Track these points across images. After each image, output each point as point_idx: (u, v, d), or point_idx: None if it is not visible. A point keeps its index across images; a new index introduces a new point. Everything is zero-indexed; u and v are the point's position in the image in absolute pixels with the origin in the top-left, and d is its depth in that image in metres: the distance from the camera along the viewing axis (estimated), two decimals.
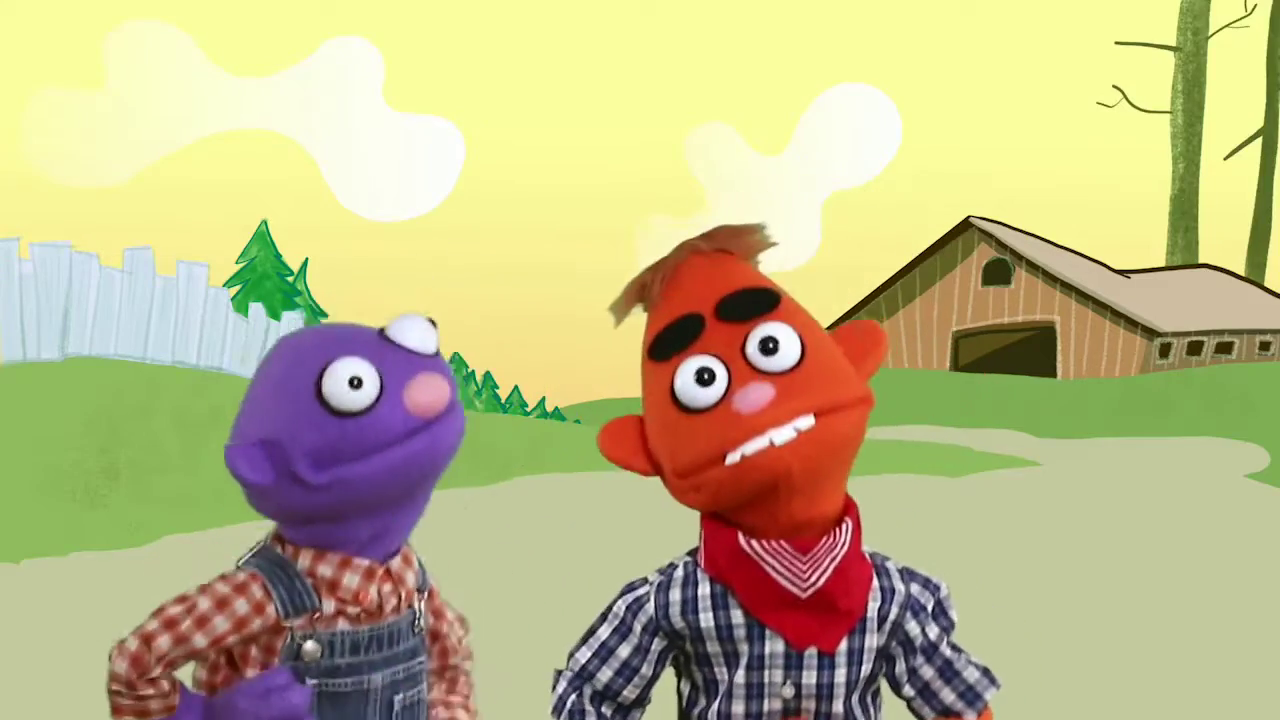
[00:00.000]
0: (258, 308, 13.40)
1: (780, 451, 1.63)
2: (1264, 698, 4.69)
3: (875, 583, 1.77)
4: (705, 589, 1.74)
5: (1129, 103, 32.27)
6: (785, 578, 1.69)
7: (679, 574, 1.78)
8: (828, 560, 1.69)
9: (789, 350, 1.68)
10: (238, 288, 16.11)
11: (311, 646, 1.69)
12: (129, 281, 11.73)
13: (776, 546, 1.69)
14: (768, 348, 1.67)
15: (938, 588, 1.84)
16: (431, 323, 1.73)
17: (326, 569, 1.70)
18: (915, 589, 1.82)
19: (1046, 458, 15.93)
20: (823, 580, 1.69)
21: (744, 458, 1.64)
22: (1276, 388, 20.19)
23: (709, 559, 1.75)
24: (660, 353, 1.74)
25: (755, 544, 1.69)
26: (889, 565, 1.82)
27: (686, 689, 1.82)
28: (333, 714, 1.70)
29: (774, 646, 1.72)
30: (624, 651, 1.78)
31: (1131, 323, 24.82)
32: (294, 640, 1.69)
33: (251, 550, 1.77)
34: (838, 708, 1.74)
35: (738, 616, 1.72)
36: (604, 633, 1.80)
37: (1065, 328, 25.53)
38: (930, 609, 1.82)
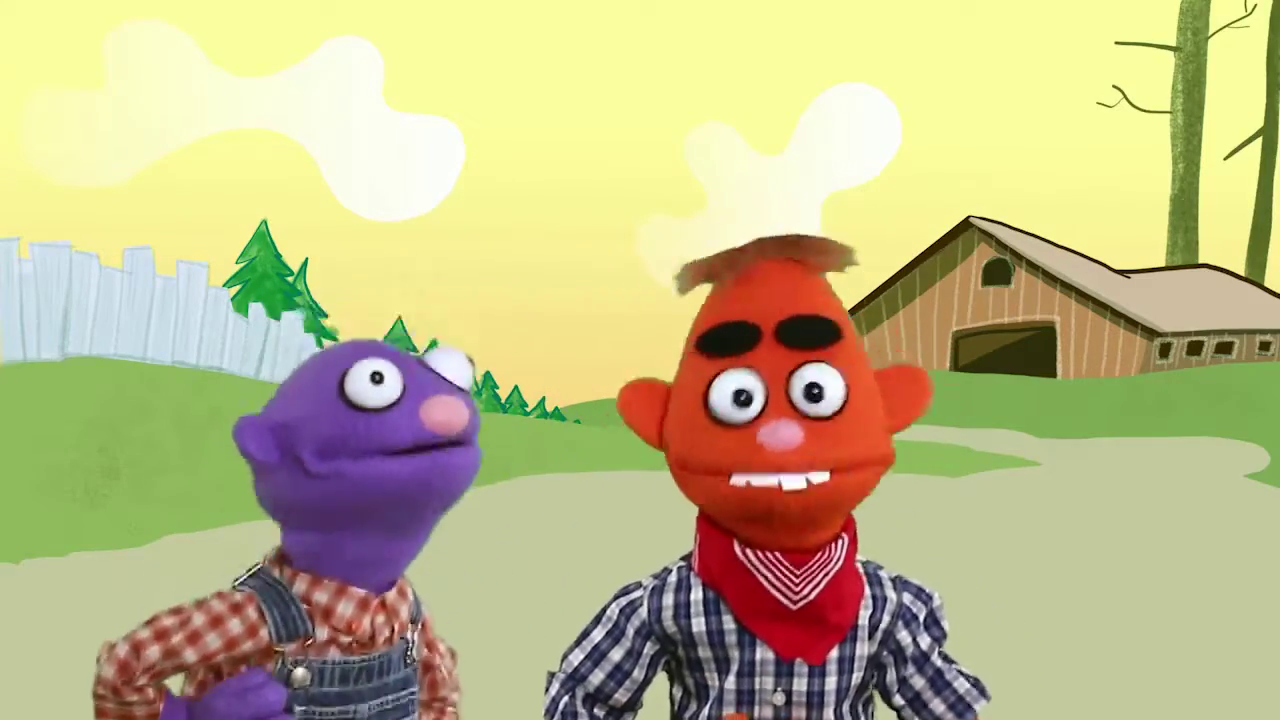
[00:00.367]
0: (258, 308, 13.39)
1: (785, 496, 1.63)
2: (1264, 697, 4.69)
3: (867, 591, 1.77)
4: (698, 594, 1.74)
5: (1129, 103, 32.30)
6: (777, 589, 1.69)
7: (672, 579, 1.78)
8: (821, 574, 1.69)
9: (831, 400, 1.65)
10: (238, 288, 16.11)
11: (301, 673, 1.68)
12: (129, 281, 11.73)
13: (770, 557, 1.69)
14: (812, 393, 1.65)
15: (930, 597, 1.84)
16: (470, 360, 1.72)
17: (322, 595, 1.69)
18: (907, 598, 1.81)
19: (1046, 458, 15.94)
20: (814, 594, 1.69)
21: (748, 485, 1.64)
22: (1276, 388, 20.18)
23: (703, 564, 1.75)
24: (708, 348, 1.71)
25: (750, 553, 1.69)
26: (881, 574, 1.82)
27: (678, 694, 1.82)
28: None
29: (765, 653, 1.72)
30: (616, 655, 1.78)
31: (1131, 323, 24.83)
32: (284, 665, 1.68)
33: (249, 571, 1.75)
34: (828, 715, 1.74)
35: (729, 622, 1.72)
36: (597, 635, 1.80)
37: (1065, 328, 25.54)
38: (922, 619, 1.82)
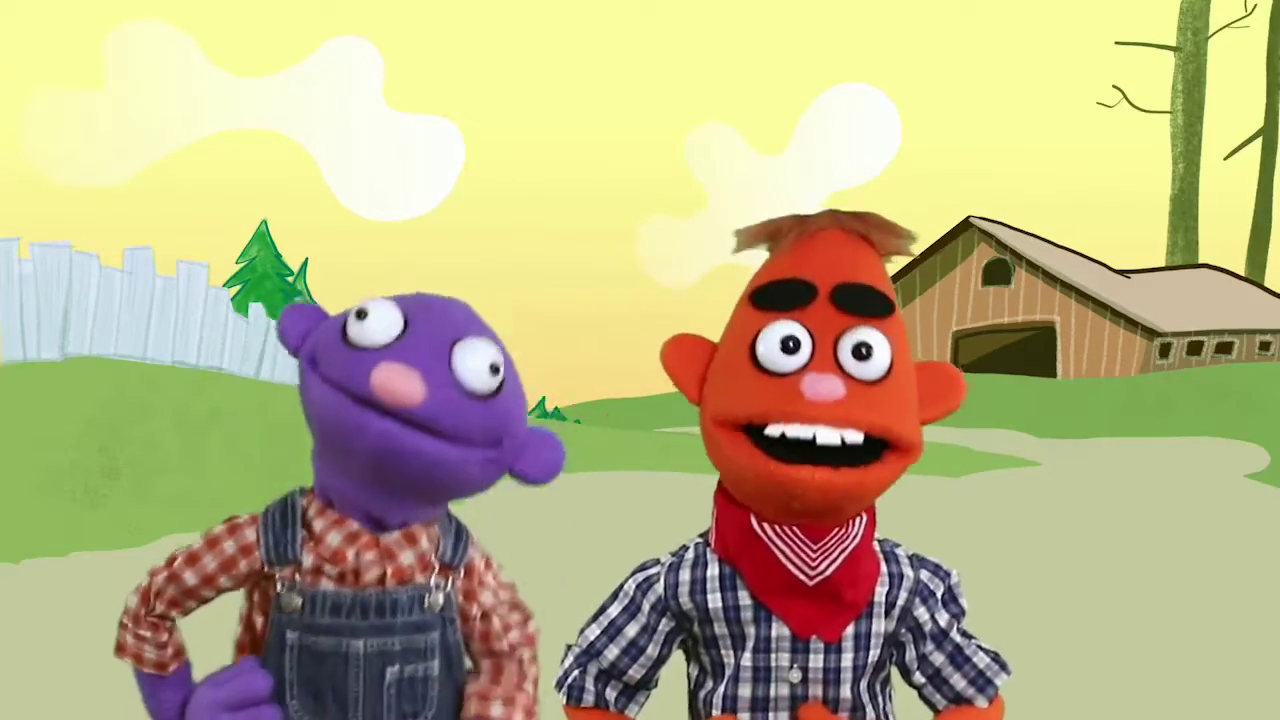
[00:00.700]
0: (258, 308, 13.38)
1: (806, 479, 1.61)
2: (1264, 697, 4.69)
3: (884, 569, 1.76)
4: (714, 570, 1.74)
5: (1129, 103, 32.26)
6: (793, 564, 1.68)
7: (689, 555, 1.78)
8: (838, 550, 1.68)
9: (878, 363, 1.65)
10: (238, 288, 16.10)
11: (294, 599, 1.70)
12: (129, 281, 11.71)
13: (788, 532, 1.68)
14: (860, 352, 1.64)
15: (948, 574, 1.83)
16: (494, 369, 1.65)
17: (321, 523, 1.70)
18: (925, 575, 1.80)
19: (1046, 458, 15.93)
20: (831, 570, 1.68)
21: (784, 435, 1.61)
22: (1276, 388, 20.16)
23: (719, 540, 1.75)
24: (762, 301, 1.71)
25: (767, 527, 1.69)
26: (899, 551, 1.81)
27: (695, 672, 1.81)
28: (312, 670, 1.70)
29: (780, 630, 1.71)
30: (631, 630, 1.78)
31: (1131, 323, 24.81)
32: (282, 590, 1.70)
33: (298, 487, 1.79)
34: (845, 693, 1.73)
35: (745, 598, 1.72)
36: (613, 611, 1.80)
37: (1065, 328, 25.53)
38: (940, 595, 1.81)
